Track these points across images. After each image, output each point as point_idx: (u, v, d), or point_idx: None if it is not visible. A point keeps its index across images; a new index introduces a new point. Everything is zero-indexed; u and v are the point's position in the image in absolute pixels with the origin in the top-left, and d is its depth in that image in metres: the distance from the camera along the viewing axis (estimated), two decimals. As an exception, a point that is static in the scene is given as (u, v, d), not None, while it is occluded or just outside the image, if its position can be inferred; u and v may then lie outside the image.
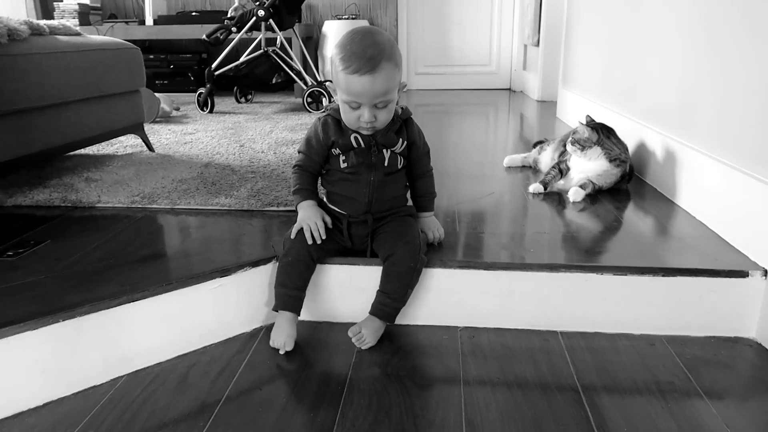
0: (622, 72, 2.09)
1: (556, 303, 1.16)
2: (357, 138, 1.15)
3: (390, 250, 1.14)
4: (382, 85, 1.05)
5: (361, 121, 1.10)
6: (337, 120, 1.16)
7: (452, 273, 1.17)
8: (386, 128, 1.15)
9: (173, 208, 1.54)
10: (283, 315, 1.13)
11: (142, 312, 1.05)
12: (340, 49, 1.08)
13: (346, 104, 1.10)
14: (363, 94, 1.06)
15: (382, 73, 1.05)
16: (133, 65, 2.03)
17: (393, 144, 1.17)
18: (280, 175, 1.81)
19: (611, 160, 1.62)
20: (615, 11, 2.20)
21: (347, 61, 1.05)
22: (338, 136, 1.16)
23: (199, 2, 4.62)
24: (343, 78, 1.06)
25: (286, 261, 1.14)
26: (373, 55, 1.04)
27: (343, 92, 1.09)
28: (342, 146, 1.16)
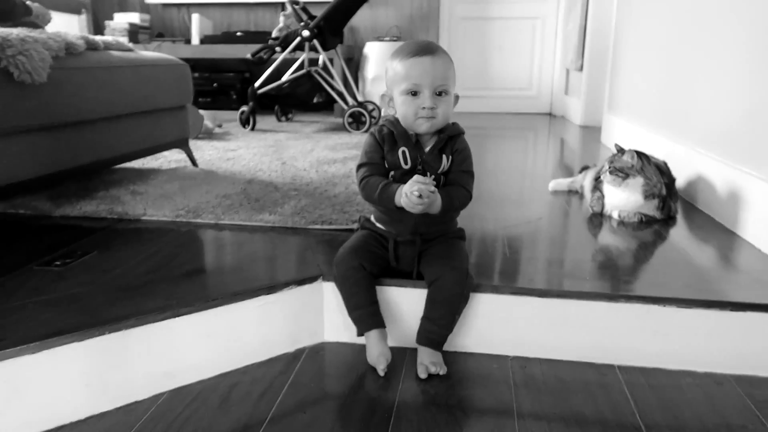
0: (676, 97, 2.03)
1: (614, 335, 1.10)
2: (405, 152, 1.12)
3: (436, 275, 1.10)
4: (442, 67, 1.08)
5: (421, 110, 1.08)
6: (390, 132, 1.14)
7: (504, 300, 1.12)
8: (434, 145, 1.13)
9: (217, 223, 1.54)
10: (371, 335, 1.09)
11: (187, 327, 1.04)
12: (397, 50, 1.12)
13: (406, 94, 1.09)
14: (424, 73, 1.06)
15: (441, 58, 1.09)
16: (181, 81, 2.06)
17: (438, 166, 1.13)
18: (323, 194, 1.80)
19: (646, 196, 1.55)
20: (668, 34, 2.15)
21: (405, 50, 1.10)
22: (389, 149, 1.14)
23: (243, 23, 4.71)
24: (402, 66, 1.09)
25: (349, 283, 1.11)
26: (430, 44, 1.10)
27: (402, 81, 1.09)
28: (390, 162, 1.14)
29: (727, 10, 1.64)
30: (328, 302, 1.19)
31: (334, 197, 1.75)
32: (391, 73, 1.11)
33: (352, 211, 1.59)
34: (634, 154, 1.54)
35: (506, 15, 4.49)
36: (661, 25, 2.22)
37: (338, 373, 1.08)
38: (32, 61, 1.31)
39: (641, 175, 1.54)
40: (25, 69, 1.29)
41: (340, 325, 1.18)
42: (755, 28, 1.46)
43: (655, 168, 1.57)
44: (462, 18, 4.60)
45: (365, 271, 1.11)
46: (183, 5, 4.69)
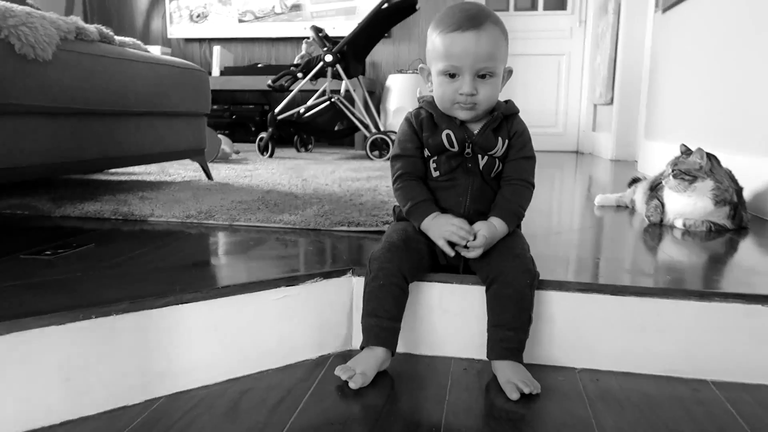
0: (730, 107, 1.87)
1: (707, 343, 0.91)
2: (450, 136, 0.96)
3: (497, 269, 0.91)
4: (487, 45, 0.89)
5: (459, 95, 0.92)
6: (429, 114, 0.98)
7: (569, 298, 0.94)
8: (485, 125, 0.97)
9: (232, 224, 1.38)
10: (372, 352, 0.89)
11: (192, 318, 0.86)
12: (438, 18, 0.94)
13: (443, 75, 0.93)
14: (465, 54, 0.89)
15: (488, 32, 0.90)
16: (200, 88, 1.95)
17: (491, 146, 0.97)
18: (348, 201, 1.64)
19: (717, 201, 1.37)
20: (715, 50, 2.01)
21: (446, 21, 0.91)
22: (430, 133, 0.97)
23: (265, 58, 4.69)
24: (441, 41, 0.91)
25: (377, 285, 0.91)
26: (478, 13, 0.90)
27: (440, 60, 0.92)
28: (433, 147, 0.97)
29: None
30: (358, 301, 1.00)
31: (360, 204, 1.59)
32: (430, 46, 0.95)
33: (381, 215, 1.42)
34: (704, 153, 1.37)
35: (531, 52, 4.43)
36: (706, 44, 2.10)
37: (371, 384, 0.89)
38: (36, 34, 1.19)
39: (711, 178, 1.36)
40: (27, 41, 1.17)
41: (372, 329, 1.00)
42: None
43: (725, 171, 1.40)
44: (485, 55, 4.54)
45: (402, 280, 0.92)
46: (205, 40, 4.69)
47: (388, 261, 0.92)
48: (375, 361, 0.88)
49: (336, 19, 4.35)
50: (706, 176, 1.37)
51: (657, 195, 1.49)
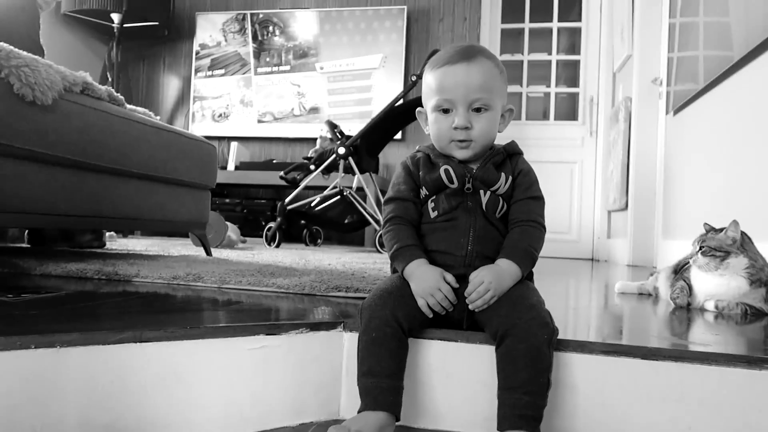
0: (750, 196, 1.79)
1: (758, 422, 0.76)
2: (448, 171, 0.88)
3: (508, 322, 0.78)
4: (479, 75, 0.86)
5: (454, 129, 0.87)
6: (427, 155, 0.92)
7: (592, 361, 0.80)
8: (485, 158, 0.90)
9: (221, 287, 1.27)
10: (373, 414, 0.75)
11: (150, 362, 0.74)
12: (431, 60, 0.92)
13: (437, 111, 0.88)
14: (456, 85, 0.85)
15: (480, 64, 0.87)
16: (206, 161, 1.92)
17: (493, 181, 0.88)
18: (349, 275, 1.53)
19: (752, 281, 1.25)
20: (732, 145, 1.98)
21: (438, 58, 0.89)
22: (426, 171, 0.90)
23: (281, 155, 4.77)
24: (433, 77, 0.88)
25: (369, 338, 0.79)
26: (469, 48, 0.89)
27: (433, 96, 0.88)
28: (430, 183, 0.89)
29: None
30: (349, 361, 0.88)
31: (362, 277, 1.48)
32: (424, 86, 0.92)
33: (383, 284, 1.31)
34: (738, 226, 1.27)
35: (543, 159, 4.46)
36: (720, 139, 2.07)
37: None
38: (38, 76, 1.17)
39: (744, 255, 1.25)
40: (27, 82, 1.14)
41: (363, 396, 0.86)
42: None
43: (758, 251, 1.29)
44: (498, 160, 4.59)
45: (398, 330, 0.80)
46: (224, 138, 4.82)
47: (380, 308, 0.81)
48: (375, 422, 0.73)
49: (352, 122, 4.47)
50: (740, 252, 1.25)
51: (683, 276, 1.37)
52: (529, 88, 4.67)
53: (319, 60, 4.69)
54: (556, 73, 4.62)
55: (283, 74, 4.78)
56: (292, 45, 4.76)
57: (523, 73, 4.66)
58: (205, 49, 4.93)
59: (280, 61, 4.79)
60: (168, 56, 5.11)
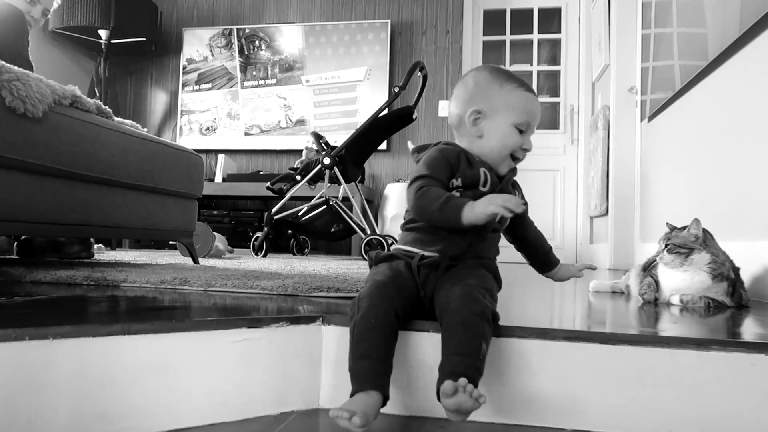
0: (720, 198, 1.87)
1: (708, 399, 0.81)
2: (486, 174, 0.97)
3: (446, 298, 0.87)
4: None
5: (521, 150, 0.99)
6: (464, 151, 0.99)
7: (555, 348, 0.86)
8: (509, 173, 1.02)
9: (206, 290, 1.32)
10: (367, 395, 0.77)
11: (138, 353, 0.78)
12: (503, 73, 1.02)
13: (514, 127, 0.98)
14: (535, 115, 1.00)
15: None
16: (193, 171, 1.97)
17: (512, 194, 1.00)
18: (333, 277, 1.58)
19: (715, 276, 1.31)
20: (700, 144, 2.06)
21: (516, 79, 1.01)
22: (466, 166, 0.98)
23: (269, 167, 4.82)
24: (518, 96, 0.99)
25: (369, 325, 0.83)
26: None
27: (516, 113, 0.98)
28: (469, 178, 0.97)
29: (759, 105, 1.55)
30: (328, 353, 0.93)
31: (345, 280, 1.53)
32: (500, 97, 0.98)
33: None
34: (700, 223, 1.33)
35: (527, 167, 4.51)
36: (691, 143, 2.15)
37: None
38: (29, 90, 1.22)
39: (707, 251, 1.31)
40: (18, 95, 1.19)
41: (344, 387, 0.91)
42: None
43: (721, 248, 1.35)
44: (482, 169, 4.67)
45: (395, 319, 0.85)
46: (211, 151, 4.87)
47: (378, 298, 0.86)
48: (372, 401, 0.77)
49: (338, 134, 4.53)
50: (702, 248, 1.32)
51: (651, 273, 1.43)
52: (511, 98, 4.77)
53: (305, 73, 4.77)
54: (537, 83, 4.72)
55: (269, 87, 4.84)
56: (278, 59, 4.83)
57: (505, 84, 4.76)
58: (192, 64, 4.99)
59: (266, 75, 4.86)
60: (155, 71, 5.16)
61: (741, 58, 1.76)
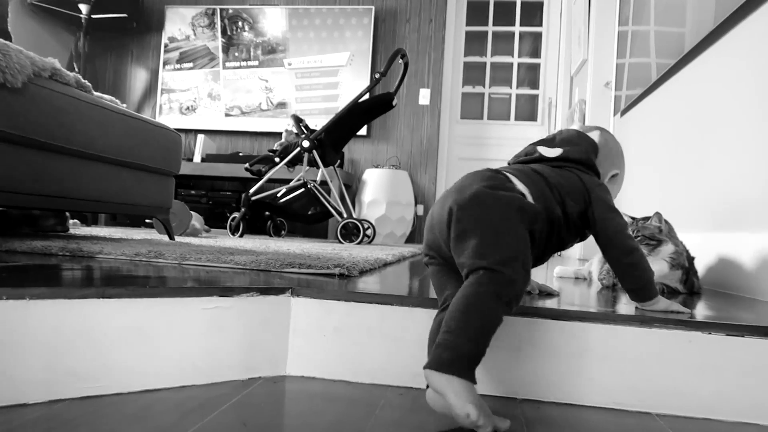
0: (684, 191, 1.94)
1: (650, 373, 0.88)
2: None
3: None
4: None
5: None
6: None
7: (510, 322, 0.91)
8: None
9: (181, 263, 1.35)
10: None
11: (112, 317, 0.82)
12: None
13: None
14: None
15: None
16: (171, 148, 1.98)
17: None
18: (306, 256, 1.62)
19: (673, 265, 1.38)
20: (667, 142, 2.13)
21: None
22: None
23: (248, 148, 4.82)
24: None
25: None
26: None
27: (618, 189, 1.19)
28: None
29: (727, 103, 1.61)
30: (296, 324, 0.97)
31: (317, 258, 1.57)
32: (621, 174, 1.19)
33: (341, 263, 1.40)
34: (662, 217, 1.40)
35: (504, 157, 4.61)
36: (658, 138, 2.22)
37: (299, 411, 0.83)
38: (9, 61, 1.23)
39: (671, 242, 1.38)
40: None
41: (310, 355, 0.96)
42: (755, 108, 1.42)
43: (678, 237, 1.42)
44: (460, 158, 4.72)
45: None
46: (191, 130, 4.85)
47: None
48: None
49: (319, 118, 4.55)
50: (668, 240, 1.39)
51: (610, 261, 1.50)
52: (491, 89, 4.82)
53: (288, 56, 4.76)
54: (517, 75, 4.78)
55: (251, 69, 4.83)
56: (261, 41, 4.81)
57: (486, 75, 4.81)
58: (173, 43, 4.95)
59: (248, 56, 4.84)
60: (136, 48, 5.10)
61: (704, 59, 1.82)
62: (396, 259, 2.04)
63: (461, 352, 0.72)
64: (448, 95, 4.70)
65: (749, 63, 1.54)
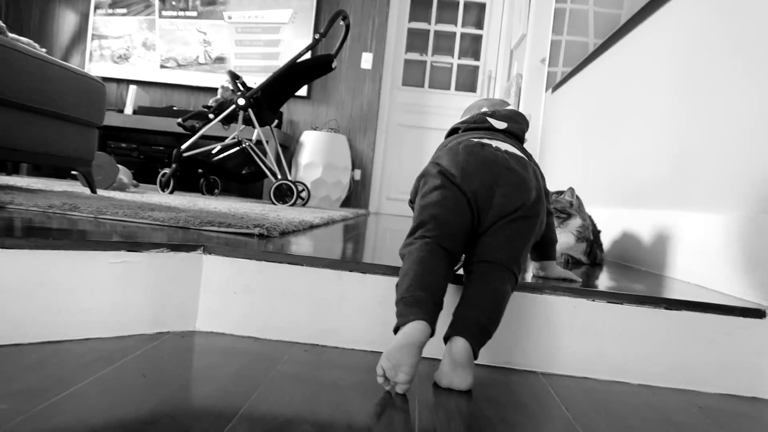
0: (600, 169, 2.05)
1: (537, 335, 0.95)
2: None
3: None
4: None
5: None
6: None
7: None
8: None
9: (97, 217, 1.32)
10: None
11: (14, 268, 0.81)
12: None
13: None
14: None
15: None
16: (94, 98, 1.91)
17: None
18: (230, 215, 1.62)
19: (579, 238, 1.48)
20: (588, 121, 2.23)
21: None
22: None
23: (184, 103, 4.68)
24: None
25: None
26: None
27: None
28: None
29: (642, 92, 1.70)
30: (207, 281, 0.99)
31: (241, 218, 1.58)
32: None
33: (262, 223, 1.42)
34: (574, 192, 1.48)
35: (443, 126, 4.67)
36: (581, 116, 2.31)
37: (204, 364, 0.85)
38: None
39: (580, 216, 1.47)
40: None
41: (221, 312, 0.98)
42: (669, 88, 1.50)
43: (586, 211, 1.51)
44: (400, 125, 4.75)
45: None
46: (123, 81, 4.65)
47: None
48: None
49: (258, 76, 4.46)
50: (577, 214, 1.47)
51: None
52: (434, 57, 4.84)
53: (228, 9, 4.61)
54: (460, 46, 4.81)
55: (189, 20, 4.65)
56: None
57: (429, 43, 4.82)
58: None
59: (186, 6, 4.65)
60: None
61: (625, 42, 1.91)
62: (324, 222, 2.06)
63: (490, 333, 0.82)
64: (390, 61, 4.69)
65: (662, 50, 1.63)
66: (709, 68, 1.34)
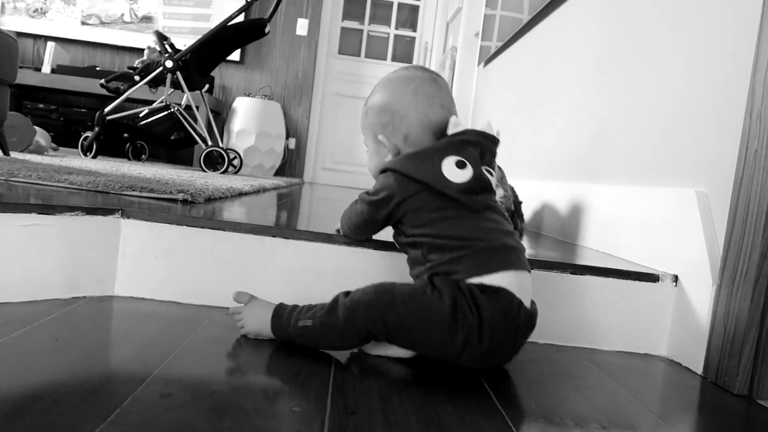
0: (526, 143, 2.12)
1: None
2: None
3: None
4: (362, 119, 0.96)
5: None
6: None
7: (337, 251, 0.98)
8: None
9: (8, 180, 1.26)
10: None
11: None
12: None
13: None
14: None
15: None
16: (4, 54, 1.80)
17: None
18: (152, 180, 1.58)
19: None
20: (514, 95, 2.29)
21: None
22: None
23: (108, 63, 4.46)
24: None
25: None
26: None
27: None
28: None
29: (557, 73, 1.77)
30: (126, 246, 0.97)
31: (165, 184, 1.54)
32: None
33: (187, 188, 1.39)
34: (497, 165, 1.53)
35: (378, 97, 4.67)
36: (509, 91, 2.38)
37: (120, 328, 0.85)
38: None
39: (502, 188, 1.52)
40: None
41: (140, 277, 0.96)
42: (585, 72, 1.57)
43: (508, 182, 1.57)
44: (335, 94, 4.71)
45: None
46: (40, 37, 4.37)
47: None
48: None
49: (188, 38, 4.29)
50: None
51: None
52: (371, 26, 4.81)
53: (156, -35, 4.39)
54: (398, 16, 4.79)
55: (113, -26, 4.40)
56: (126, -57, 4.38)
57: (366, 11, 4.78)
58: (19, -68, 4.36)
59: (110, -40, 4.40)
60: (-28, -68, 4.43)
61: (552, 18, 1.97)
62: (255, 189, 2.04)
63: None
64: (326, 28, 4.63)
65: (583, 27, 1.69)
66: (624, 45, 1.41)
